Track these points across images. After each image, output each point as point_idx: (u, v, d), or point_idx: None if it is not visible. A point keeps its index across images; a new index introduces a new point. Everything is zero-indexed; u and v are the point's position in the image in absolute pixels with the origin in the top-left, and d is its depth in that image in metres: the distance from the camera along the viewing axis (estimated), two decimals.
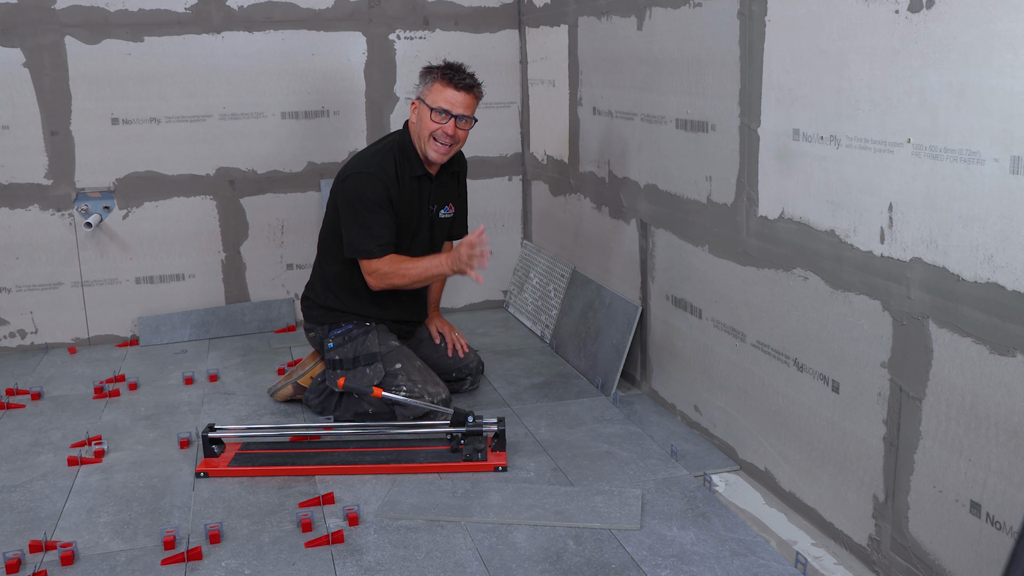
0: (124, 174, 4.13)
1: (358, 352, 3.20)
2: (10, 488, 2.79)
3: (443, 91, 3.13)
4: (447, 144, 3.17)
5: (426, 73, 3.21)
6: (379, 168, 3.15)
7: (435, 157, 3.20)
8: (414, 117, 3.21)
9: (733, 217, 2.72)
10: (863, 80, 2.10)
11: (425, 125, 3.16)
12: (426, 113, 3.15)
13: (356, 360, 3.19)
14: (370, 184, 3.13)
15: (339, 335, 3.24)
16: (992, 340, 1.82)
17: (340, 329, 3.26)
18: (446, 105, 3.13)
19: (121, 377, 3.73)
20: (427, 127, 3.16)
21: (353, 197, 3.14)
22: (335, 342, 3.24)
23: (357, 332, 3.24)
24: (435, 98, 3.14)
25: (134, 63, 4.05)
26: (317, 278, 3.37)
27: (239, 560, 2.36)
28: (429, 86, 3.17)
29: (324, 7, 4.21)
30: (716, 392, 2.91)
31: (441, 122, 3.13)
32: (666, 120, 3.08)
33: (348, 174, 3.18)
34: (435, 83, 3.15)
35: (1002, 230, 1.77)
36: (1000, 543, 1.84)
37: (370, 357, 3.19)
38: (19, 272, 4.09)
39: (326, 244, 3.34)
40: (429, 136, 3.16)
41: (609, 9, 3.44)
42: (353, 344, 3.22)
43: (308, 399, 3.31)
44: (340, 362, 3.20)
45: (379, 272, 3.13)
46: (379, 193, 3.13)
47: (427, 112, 3.15)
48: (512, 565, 2.29)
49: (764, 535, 2.42)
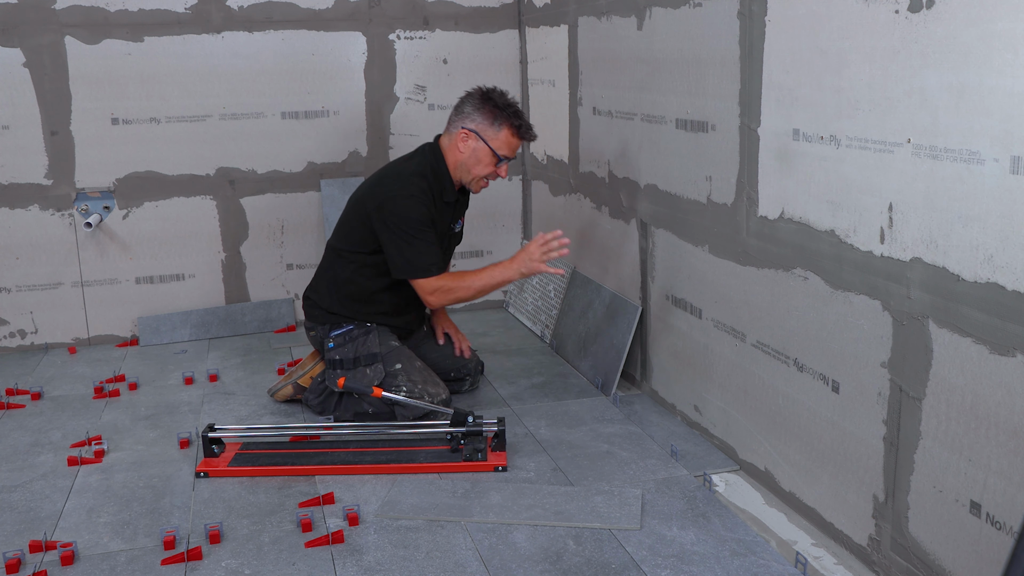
0: (124, 174, 4.13)
1: (358, 352, 3.20)
2: (10, 488, 2.79)
3: (511, 140, 3.14)
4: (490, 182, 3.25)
5: (487, 108, 3.14)
6: (420, 191, 3.12)
7: (476, 191, 3.27)
8: (464, 148, 3.15)
9: (733, 217, 2.72)
10: (863, 80, 2.10)
11: (481, 165, 3.16)
12: (485, 154, 3.14)
13: (356, 360, 3.19)
14: (415, 207, 3.10)
15: (340, 335, 3.24)
16: (992, 340, 1.82)
17: (341, 329, 3.26)
18: (510, 153, 3.16)
19: (121, 377, 3.73)
20: (484, 168, 3.17)
21: (400, 220, 3.09)
22: (335, 342, 3.24)
23: (358, 332, 3.24)
24: (501, 145, 3.14)
25: (134, 63, 4.05)
26: (323, 281, 3.34)
27: (239, 560, 2.36)
28: (497, 130, 3.13)
29: (324, 7, 4.21)
30: (716, 392, 2.91)
31: (498, 167, 3.17)
32: (666, 120, 3.08)
33: (388, 197, 3.12)
34: (504, 129, 3.12)
35: (1002, 230, 1.77)
36: (1000, 543, 1.84)
37: (370, 357, 3.19)
38: (19, 272, 4.09)
39: (337, 251, 3.30)
40: (482, 176, 3.19)
41: (609, 9, 3.44)
42: (354, 344, 3.22)
43: (308, 399, 3.31)
44: (340, 362, 3.20)
45: (443, 288, 3.11)
46: (424, 214, 3.11)
47: (487, 154, 3.14)
48: (512, 565, 2.29)
49: (764, 535, 2.42)
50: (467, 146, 3.16)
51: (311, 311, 3.36)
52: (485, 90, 3.20)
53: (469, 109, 3.17)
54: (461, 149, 3.17)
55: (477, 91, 3.21)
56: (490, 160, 3.16)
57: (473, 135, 3.14)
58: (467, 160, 3.17)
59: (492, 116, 3.13)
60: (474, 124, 3.15)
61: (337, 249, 3.31)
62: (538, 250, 3.04)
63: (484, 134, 3.14)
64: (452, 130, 3.20)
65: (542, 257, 3.04)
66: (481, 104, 3.15)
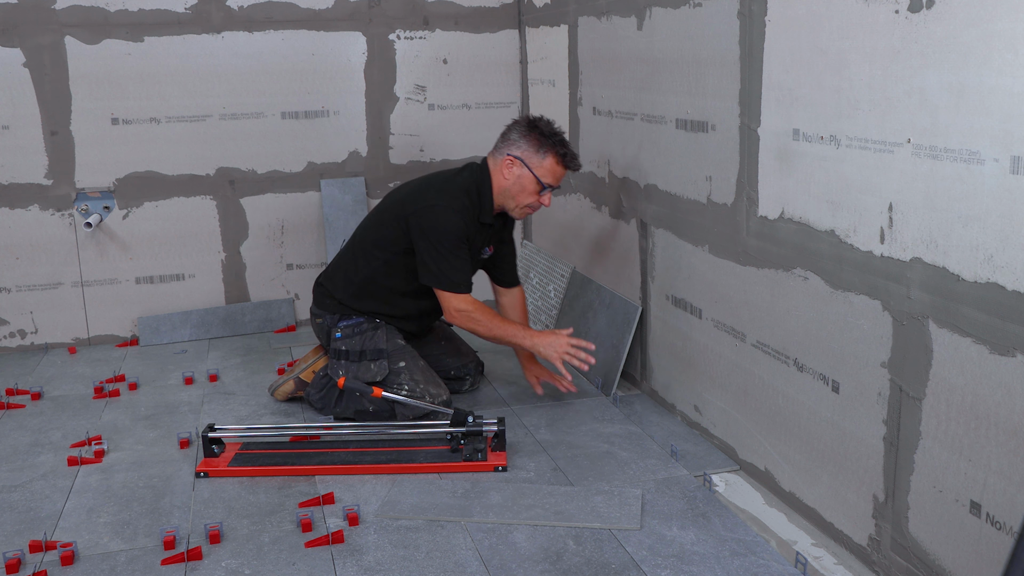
0: (124, 174, 4.13)
1: (365, 346, 3.20)
2: (10, 488, 2.79)
3: (556, 168, 3.14)
4: (535, 211, 3.25)
5: (533, 136, 3.13)
6: (463, 207, 3.12)
7: (519, 217, 3.27)
8: (508, 175, 3.15)
9: (733, 217, 2.72)
10: (863, 80, 2.10)
11: (525, 193, 3.16)
12: (530, 182, 3.13)
13: (362, 354, 3.19)
14: (456, 221, 3.09)
15: (348, 326, 3.24)
16: (992, 340, 1.82)
17: (350, 321, 3.25)
18: (554, 182, 3.16)
19: (121, 377, 3.73)
20: (527, 196, 3.16)
21: (438, 231, 3.08)
22: (343, 332, 3.23)
23: (367, 327, 3.23)
24: (545, 173, 3.13)
25: (134, 63, 4.05)
26: (341, 272, 3.31)
27: (239, 560, 2.36)
28: (542, 158, 3.12)
29: (324, 7, 4.21)
30: (716, 392, 2.91)
31: (541, 195, 3.17)
32: (666, 120, 3.08)
33: (430, 206, 3.11)
34: (549, 157, 3.12)
35: (1002, 230, 1.77)
36: (1000, 543, 1.84)
37: (376, 353, 3.19)
38: (19, 272, 4.09)
39: (364, 245, 3.27)
40: (526, 204, 3.19)
41: (609, 9, 3.44)
42: (361, 337, 3.21)
43: (310, 394, 3.31)
44: (346, 353, 3.20)
45: (467, 312, 3.10)
46: (462, 231, 3.11)
47: (532, 181, 3.13)
48: (512, 565, 2.29)
49: (764, 535, 2.42)
50: (512, 173, 3.16)
51: (322, 299, 3.34)
52: (532, 118, 3.19)
53: (515, 136, 3.17)
54: (506, 176, 3.17)
55: (524, 119, 3.21)
56: (534, 188, 3.15)
57: (518, 162, 3.14)
58: (511, 187, 3.17)
59: (538, 144, 3.13)
60: (519, 151, 3.15)
61: (364, 243, 3.28)
62: (564, 346, 3.03)
63: (529, 161, 3.13)
64: (498, 155, 3.19)
65: (563, 353, 3.03)
66: (527, 132, 3.15)
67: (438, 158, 4.49)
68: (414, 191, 3.22)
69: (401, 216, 3.17)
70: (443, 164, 4.48)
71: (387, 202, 3.31)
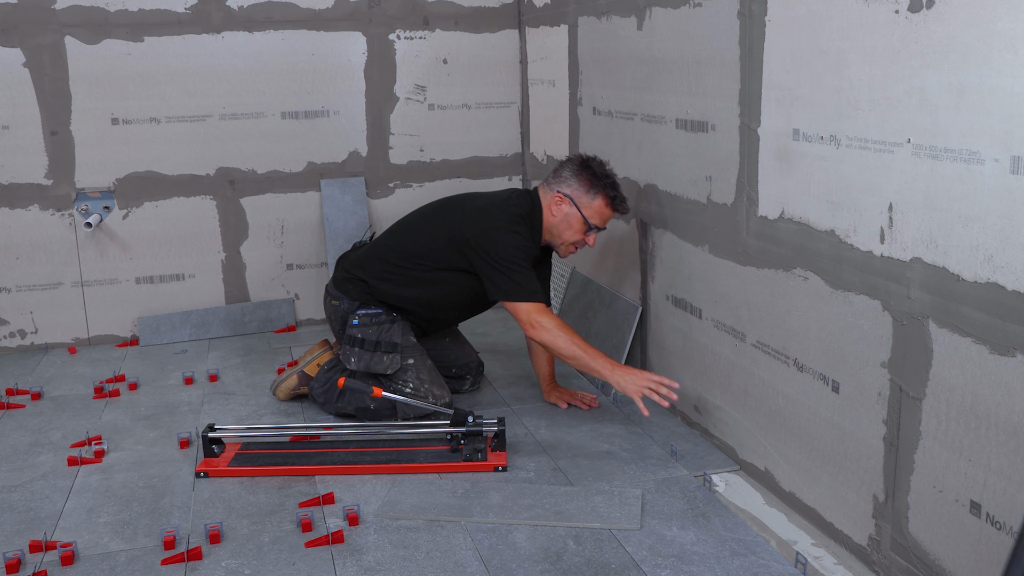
0: (124, 174, 4.13)
1: (381, 337, 3.19)
2: (10, 488, 2.79)
3: (604, 210, 3.14)
4: (579, 249, 3.26)
5: (584, 176, 3.12)
6: (524, 233, 3.11)
7: (563, 255, 3.28)
8: (556, 211, 3.15)
9: (733, 217, 2.72)
10: (863, 80, 2.10)
11: (571, 231, 3.16)
12: (577, 221, 3.14)
13: (377, 344, 3.18)
14: (522, 244, 3.09)
15: (367, 315, 3.22)
16: (992, 340, 1.82)
17: (370, 310, 3.24)
18: (601, 223, 3.17)
19: (121, 377, 3.73)
20: (573, 235, 3.17)
21: (506, 247, 3.06)
22: (361, 320, 3.22)
23: (385, 318, 3.22)
24: (593, 214, 3.13)
25: (134, 63, 4.05)
26: (380, 264, 3.25)
27: (239, 560, 2.36)
28: (592, 199, 3.12)
29: (324, 7, 4.21)
30: (716, 392, 2.91)
31: (588, 235, 3.18)
32: (666, 120, 3.08)
33: (495, 227, 3.08)
34: (599, 199, 3.12)
35: (1002, 230, 1.77)
36: (1000, 543, 1.84)
37: (391, 346, 3.19)
38: (19, 272, 4.09)
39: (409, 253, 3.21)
40: (572, 243, 3.20)
41: (609, 9, 3.44)
42: (378, 328, 3.21)
43: (313, 387, 3.32)
44: (362, 341, 3.19)
45: (549, 328, 3.01)
46: (528, 250, 3.12)
47: (579, 221, 3.14)
48: (512, 565, 2.29)
49: (764, 535, 2.42)
50: (560, 210, 3.16)
51: (345, 283, 3.29)
52: (585, 157, 3.18)
53: (567, 174, 3.16)
54: (554, 213, 3.17)
55: (577, 157, 3.20)
56: (581, 227, 3.16)
57: (567, 200, 3.14)
58: (558, 224, 3.17)
59: (588, 184, 3.12)
60: (570, 190, 3.14)
61: (409, 248, 3.23)
62: (646, 382, 2.90)
63: (579, 201, 3.13)
64: (548, 190, 3.19)
65: (643, 388, 2.89)
66: (579, 170, 3.15)
67: (438, 158, 4.49)
68: (471, 216, 3.15)
69: (458, 241, 3.12)
70: (443, 164, 4.48)
71: (437, 218, 3.24)
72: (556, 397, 3.34)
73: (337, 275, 3.37)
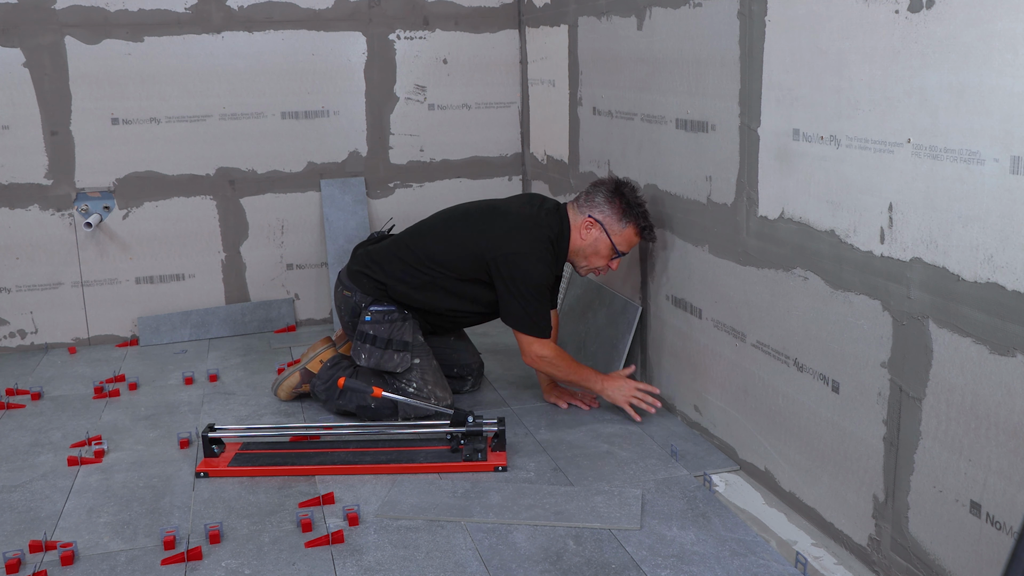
0: (124, 174, 4.13)
1: (393, 335, 3.19)
2: (10, 488, 2.79)
3: (632, 239, 3.16)
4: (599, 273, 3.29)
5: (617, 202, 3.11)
6: (548, 258, 3.12)
7: (582, 275, 3.32)
8: (586, 236, 3.15)
9: (733, 217, 2.72)
10: (863, 80, 2.10)
11: (598, 256, 3.18)
12: (605, 247, 3.16)
13: (389, 343, 3.18)
14: (543, 272, 3.10)
15: (380, 312, 3.22)
16: (992, 340, 1.82)
17: (382, 307, 3.23)
18: (627, 250, 3.19)
19: (121, 377, 3.73)
20: (599, 260, 3.19)
21: (526, 279, 3.08)
22: (373, 317, 3.21)
23: (396, 316, 3.22)
24: (622, 241, 3.15)
25: (134, 63, 4.05)
26: (399, 264, 3.23)
27: (239, 560, 2.36)
28: (623, 227, 3.12)
29: (324, 7, 4.21)
30: (716, 392, 2.91)
31: (612, 260, 3.20)
32: (666, 120, 3.08)
33: (519, 253, 3.08)
34: (630, 227, 3.12)
35: (1002, 230, 1.77)
36: (1000, 543, 1.84)
37: (402, 345, 3.19)
38: (19, 272, 4.09)
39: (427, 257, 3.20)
40: (595, 267, 3.22)
41: (609, 9, 3.44)
42: (391, 326, 3.20)
43: (315, 384, 3.32)
44: (373, 338, 3.19)
45: (546, 358, 3.13)
46: (548, 280, 3.14)
47: (607, 247, 3.15)
48: (512, 565, 2.29)
49: (764, 535, 2.42)
50: (590, 235, 3.16)
51: (360, 278, 3.27)
52: (618, 182, 3.17)
53: (600, 199, 3.15)
54: (583, 236, 3.17)
55: (611, 182, 3.18)
56: (608, 253, 3.17)
57: (598, 226, 3.14)
58: (586, 248, 3.18)
59: (621, 213, 3.12)
60: (602, 216, 3.14)
61: (428, 254, 3.21)
62: (631, 391, 3.09)
63: (609, 228, 3.13)
64: (578, 213, 3.18)
65: (631, 397, 3.08)
66: (612, 197, 3.13)
67: (438, 158, 4.49)
68: (499, 237, 3.13)
69: (482, 256, 3.12)
70: (443, 164, 4.48)
71: (464, 228, 3.22)
72: (556, 396, 3.35)
73: (352, 266, 3.34)
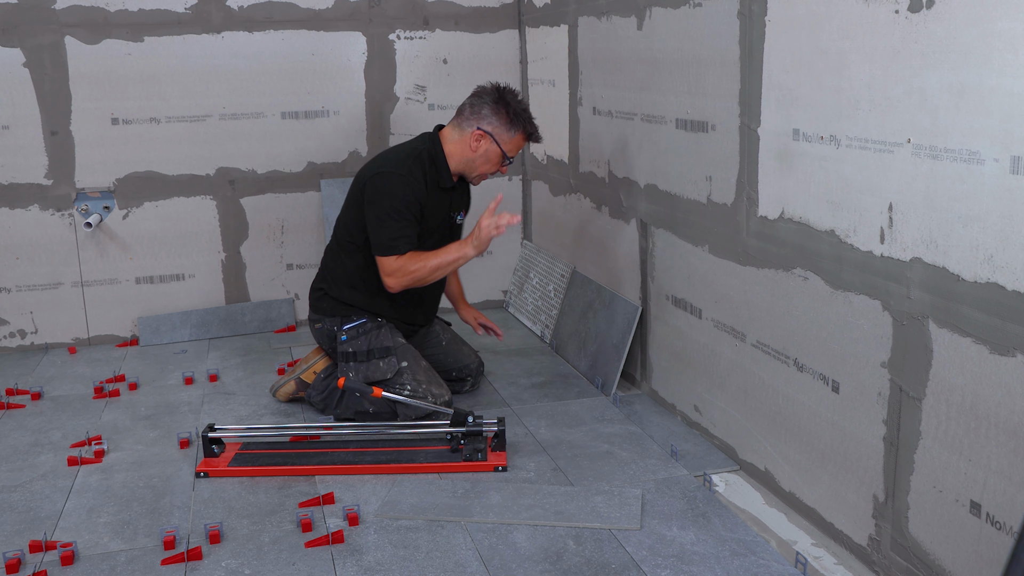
0: (124, 174, 4.13)
1: (372, 345, 3.20)
2: (10, 488, 2.79)
3: (521, 144, 3.25)
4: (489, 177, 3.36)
5: (503, 111, 3.17)
6: (410, 173, 3.13)
7: (476, 184, 3.36)
8: (477, 146, 3.19)
9: (733, 217, 2.72)
10: (863, 80, 2.10)
11: (490, 164, 3.24)
12: (496, 156, 3.22)
13: (370, 353, 3.19)
14: (402, 186, 3.11)
15: (352, 328, 3.23)
16: (992, 340, 1.82)
17: (353, 323, 3.24)
18: (515, 154, 3.28)
19: (121, 377, 3.73)
20: (491, 166, 3.25)
21: (382, 195, 3.11)
22: (348, 335, 3.23)
23: (370, 326, 3.23)
24: (512, 147, 3.23)
25: (134, 63, 4.05)
26: (332, 271, 3.32)
27: (239, 560, 2.36)
28: (511, 134, 3.19)
29: (324, 7, 4.21)
30: (716, 392, 2.91)
31: (505, 164, 3.27)
32: (666, 120, 3.08)
33: (377, 172, 3.15)
34: (519, 134, 3.21)
35: (1002, 230, 1.77)
36: (1000, 543, 1.84)
37: (384, 351, 3.19)
38: (19, 272, 4.09)
39: (346, 238, 3.28)
40: (487, 174, 3.28)
41: (609, 9, 3.44)
42: (367, 337, 3.21)
43: (311, 395, 3.31)
44: (354, 354, 3.20)
45: (402, 269, 3.09)
46: (409, 197, 3.11)
47: (498, 155, 3.22)
48: (512, 565, 2.29)
49: (764, 535, 2.42)
50: (480, 146, 3.20)
51: (320, 303, 3.33)
52: (500, 90, 3.22)
53: (487, 112, 3.19)
54: (473, 147, 3.20)
55: (493, 91, 3.22)
56: (499, 160, 3.25)
57: (487, 137, 3.18)
58: (477, 158, 3.22)
59: (509, 122, 3.19)
60: (490, 127, 3.19)
61: (340, 238, 3.30)
62: (490, 230, 3.08)
63: (499, 138, 3.19)
64: (465, 127, 3.21)
65: (493, 231, 3.07)
66: (497, 107, 3.19)
67: None
68: (367, 167, 3.25)
69: (359, 195, 3.21)
70: None
71: (349, 191, 3.32)
72: (471, 317, 3.58)
73: (311, 298, 3.40)
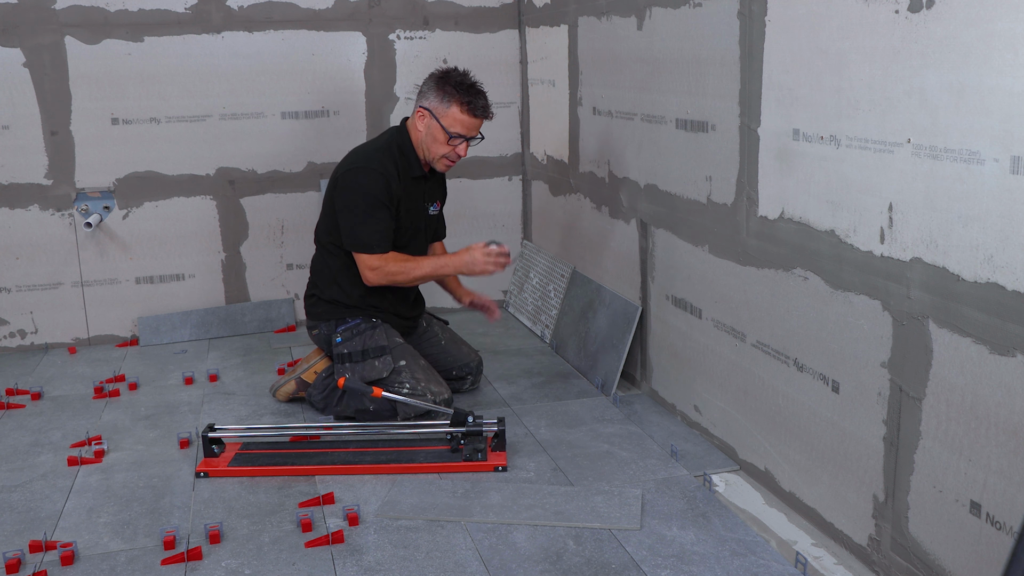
0: (124, 174, 4.13)
1: (367, 345, 3.20)
2: (10, 488, 2.79)
3: (461, 117, 3.13)
4: (455, 161, 3.25)
5: (440, 86, 3.14)
6: (381, 165, 3.14)
7: (442, 170, 3.29)
8: (421, 126, 3.18)
9: (733, 217, 2.72)
10: (863, 80, 2.10)
11: (437, 145, 3.17)
12: (439, 133, 3.15)
13: (365, 353, 3.19)
14: (372, 180, 3.12)
15: (347, 329, 3.24)
16: (992, 340, 1.82)
17: (348, 324, 3.25)
18: (463, 131, 3.16)
19: (121, 377, 3.73)
20: (440, 147, 3.17)
21: (355, 191, 3.13)
22: (343, 336, 3.24)
23: (365, 327, 3.24)
24: (451, 123, 3.13)
25: (134, 63, 4.05)
26: (319, 274, 3.35)
27: (239, 560, 2.36)
28: (447, 107, 3.12)
29: (324, 7, 4.21)
30: (716, 392, 2.91)
31: (455, 145, 3.17)
32: (666, 120, 3.08)
33: (348, 168, 3.17)
34: (453, 106, 3.12)
35: (1002, 230, 1.77)
36: (1000, 543, 1.84)
37: (379, 350, 3.19)
38: (19, 272, 4.09)
39: (326, 238, 3.31)
40: (441, 156, 3.20)
41: (609, 9, 3.44)
42: (361, 337, 3.22)
43: (311, 395, 3.31)
44: (349, 355, 3.20)
45: (382, 269, 3.14)
46: (381, 190, 3.12)
47: (440, 132, 3.15)
48: (512, 565, 2.29)
49: (764, 535, 2.42)
50: (424, 124, 3.19)
51: (314, 308, 3.35)
52: (445, 69, 3.21)
53: (427, 89, 3.20)
54: (419, 127, 3.20)
55: (438, 70, 3.22)
56: (443, 137, 3.16)
57: (428, 114, 3.17)
58: (425, 138, 3.20)
59: (442, 94, 3.14)
60: (428, 103, 3.17)
61: (323, 241, 3.33)
62: (483, 258, 3.12)
63: (436, 112, 3.15)
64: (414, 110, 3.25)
65: (484, 265, 3.12)
66: (435, 83, 3.17)
67: None
68: (339, 165, 3.25)
69: (331, 196, 3.23)
70: None
71: (327, 190, 3.32)
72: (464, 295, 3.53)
73: (305, 305, 3.42)
